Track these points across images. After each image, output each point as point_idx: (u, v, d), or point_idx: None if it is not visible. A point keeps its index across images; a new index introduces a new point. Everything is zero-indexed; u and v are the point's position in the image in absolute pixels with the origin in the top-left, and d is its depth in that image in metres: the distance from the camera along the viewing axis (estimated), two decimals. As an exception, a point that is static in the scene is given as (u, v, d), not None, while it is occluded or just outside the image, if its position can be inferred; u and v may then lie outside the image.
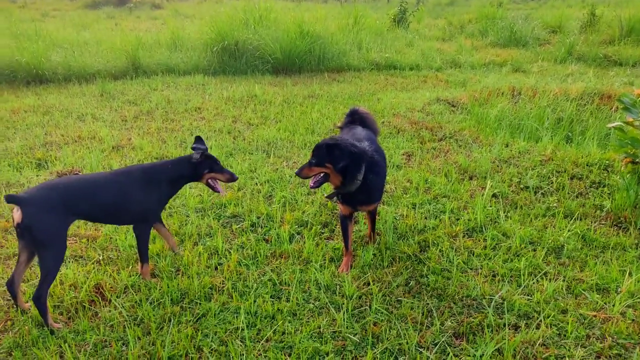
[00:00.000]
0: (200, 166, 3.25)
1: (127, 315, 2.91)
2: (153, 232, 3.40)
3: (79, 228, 3.88)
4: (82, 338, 2.74)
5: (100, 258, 3.49)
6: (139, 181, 3.11)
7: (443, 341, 2.71)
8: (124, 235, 3.73)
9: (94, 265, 3.40)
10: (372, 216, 3.62)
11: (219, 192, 3.35)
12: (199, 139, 3.34)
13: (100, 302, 3.05)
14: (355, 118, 3.92)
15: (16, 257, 3.43)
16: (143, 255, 3.22)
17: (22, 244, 2.78)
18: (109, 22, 18.77)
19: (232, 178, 3.35)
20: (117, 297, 3.09)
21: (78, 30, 14.65)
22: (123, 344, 2.70)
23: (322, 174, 3.20)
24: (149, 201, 3.15)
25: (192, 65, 9.91)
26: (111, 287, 3.18)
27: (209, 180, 3.32)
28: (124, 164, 5.11)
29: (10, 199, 2.62)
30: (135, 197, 3.09)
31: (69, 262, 3.44)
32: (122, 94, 8.08)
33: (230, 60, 10.10)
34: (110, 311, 2.95)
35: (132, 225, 3.30)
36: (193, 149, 3.28)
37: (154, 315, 2.89)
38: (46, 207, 2.70)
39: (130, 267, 3.38)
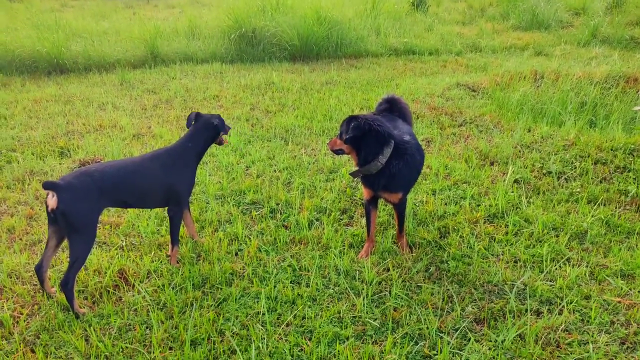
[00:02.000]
0: (222, 128, 3.39)
1: (150, 299, 2.96)
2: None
3: (102, 215, 3.95)
4: (107, 322, 2.80)
5: (124, 244, 3.55)
6: (169, 164, 3.17)
7: (464, 326, 2.70)
8: (146, 221, 3.79)
9: (117, 251, 3.46)
10: (399, 211, 3.33)
11: (223, 143, 3.52)
12: (196, 115, 3.36)
13: (124, 287, 3.11)
14: (394, 108, 3.65)
15: (42, 244, 3.52)
16: (174, 237, 3.28)
17: (52, 229, 2.84)
18: (127, 11, 18.86)
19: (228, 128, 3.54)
20: (140, 282, 3.14)
21: (97, 20, 14.76)
22: (147, 328, 2.76)
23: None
24: (182, 181, 3.23)
25: (210, 53, 9.92)
26: (134, 273, 3.23)
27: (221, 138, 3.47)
28: (144, 152, 5.16)
29: (47, 186, 2.68)
30: (169, 180, 3.15)
31: (94, 248, 3.50)
32: (141, 82, 8.15)
33: (247, 47, 10.09)
34: (133, 296, 3.01)
35: (166, 208, 3.37)
36: (194, 118, 3.33)
37: (176, 300, 2.94)
38: (82, 193, 2.76)
39: (153, 252, 3.44)
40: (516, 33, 12.19)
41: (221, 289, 3.05)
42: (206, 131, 3.35)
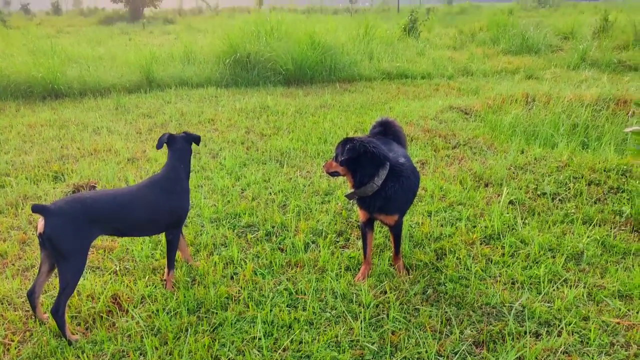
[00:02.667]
0: (199, 140, 3.43)
1: (144, 325, 2.91)
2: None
3: (96, 240, 3.90)
4: (100, 348, 2.75)
5: (117, 269, 3.51)
6: (169, 189, 3.15)
7: (463, 350, 2.66)
8: (140, 245, 3.75)
9: (110, 276, 3.41)
10: (395, 233, 3.32)
11: None
12: (169, 136, 3.35)
13: (117, 313, 3.06)
14: (389, 131, 3.64)
15: (34, 269, 3.47)
16: (171, 261, 3.24)
17: (44, 254, 2.80)
18: (123, 37, 19.10)
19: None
20: (134, 307, 3.09)
21: (92, 45, 14.92)
22: (141, 354, 2.70)
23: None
24: (183, 205, 3.22)
25: (205, 78, 10.02)
26: (128, 298, 3.19)
27: None
28: (139, 176, 5.15)
29: (36, 209, 2.66)
30: (171, 205, 3.14)
31: (87, 273, 3.46)
32: (136, 107, 8.18)
33: (242, 72, 10.19)
34: (127, 321, 2.96)
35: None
36: (166, 140, 3.31)
37: (170, 325, 2.89)
38: (70, 219, 2.72)
39: (147, 277, 3.39)
40: (506, 57, 12.42)
41: (216, 313, 3.00)
42: (189, 148, 3.37)
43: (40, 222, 2.67)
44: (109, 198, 2.98)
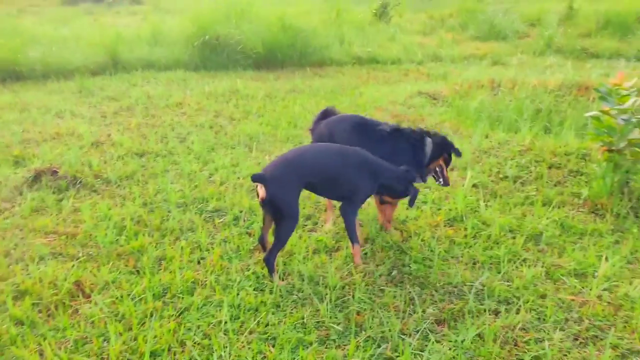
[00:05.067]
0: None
1: (108, 311, 2.88)
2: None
3: (57, 225, 3.83)
4: (63, 335, 2.71)
5: (80, 255, 3.45)
6: (359, 166, 3.28)
7: (425, 327, 2.74)
8: (104, 231, 3.69)
9: (73, 263, 3.35)
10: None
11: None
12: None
13: (81, 299, 3.02)
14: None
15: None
16: (351, 235, 3.33)
17: (265, 212, 3.23)
18: (88, 18, 18.41)
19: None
20: (97, 293, 3.05)
21: (56, 26, 14.35)
22: (104, 340, 2.68)
23: None
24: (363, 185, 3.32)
25: (173, 60, 9.80)
26: (92, 284, 3.14)
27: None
28: (104, 161, 5.05)
29: (255, 178, 3.03)
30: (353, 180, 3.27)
31: (48, 259, 3.39)
32: (101, 89, 7.97)
33: (211, 55, 10.01)
34: (90, 308, 2.92)
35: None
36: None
37: (135, 311, 2.87)
38: (285, 183, 3.05)
39: (111, 263, 3.35)
40: (475, 43, 12.56)
41: (183, 298, 3.00)
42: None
43: (261, 189, 3.01)
44: (310, 158, 3.26)
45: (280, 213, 3.06)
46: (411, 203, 3.39)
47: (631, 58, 10.80)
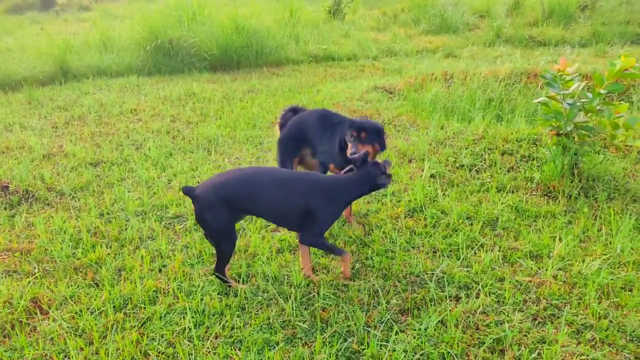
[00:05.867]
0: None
1: (67, 326, 2.80)
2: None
3: (11, 242, 3.69)
4: (20, 355, 2.62)
5: (36, 271, 3.33)
6: (309, 192, 3.00)
7: (389, 318, 2.78)
8: (60, 245, 3.58)
9: (29, 279, 3.24)
10: None
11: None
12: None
13: (38, 316, 2.92)
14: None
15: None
16: (333, 251, 3.08)
17: None
18: (34, 27, 17.75)
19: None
20: (56, 309, 2.96)
21: (0, 36, 13.81)
22: (65, 357, 2.60)
23: None
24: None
25: (125, 66, 9.57)
26: (49, 300, 3.04)
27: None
28: (56, 172, 4.88)
29: (185, 191, 2.93)
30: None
31: (2, 277, 3.26)
32: (51, 100, 7.70)
33: (165, 59, 9.83)
34: (49, 324, 2.83)
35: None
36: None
37: (96, 325, 2.80)
38: (211, 206, 2.88)
39: (69, 277, 3.25)
40: (427, 37, 12.80)
41: (145, 308, 2.94)
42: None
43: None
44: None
45: (209, 231, 2.99)
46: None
47: (575, 44, 11.24)
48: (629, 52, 7.88)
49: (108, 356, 2.54)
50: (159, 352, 2.60)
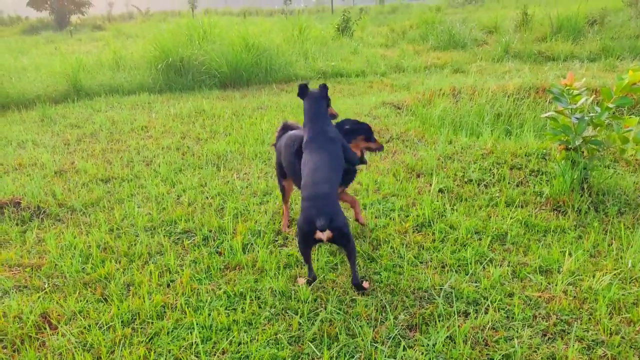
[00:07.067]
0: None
1: (75, 341, 2.81)
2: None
3: (22, 257, 3.73)
4: (29, 370, 2.63)
5: (46, 286, 3.37)
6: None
7: (397, 334, 2.76)
8: (70, 260, 3.61)
9: (39, 294, 3.27)
10: None
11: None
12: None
13: (47, 331, 2.94)
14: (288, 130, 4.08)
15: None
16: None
17: None
18: (49, 46, 18.19)
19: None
20: (64, 324, 2.98)
21: (15, 56, 14.13)
22: (73, 372, 2.61)
23: None
24: None
25: (137, 85, 9.74)
26: (59, 315, 3.07)
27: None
28: (67, 189, 4.95)
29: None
30: None
31: (13, 293, 3.30)
32: (63, 117, 7.84)
33: (176, 77, 10.00)
34: (58, 339, 2.85)
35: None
36: None
37: (104, 340, 2.81)
38: None
39: (78, 292, 3.28)
40: (435, 53, 12.89)
41: (152, 323, 2.95)
42: None
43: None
44: None
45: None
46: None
47: (584, 59, 11.24)
48: (639, 66, 7.86)
49: (115, 371, 2.55)
50: (166, 368, 2.60)
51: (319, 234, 2.91)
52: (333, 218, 2.90)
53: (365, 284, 3.14)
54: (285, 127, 4.07)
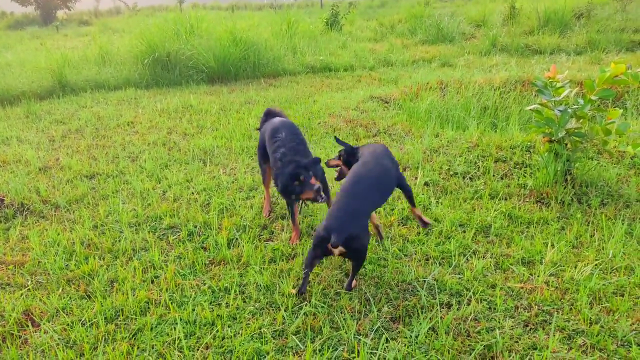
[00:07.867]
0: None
1: (58, 338, 2.80)
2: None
3: (5, 255, 3.70)
4: (11, 367, 2.62)
5: (29, 283, 3.34)
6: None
7: (380, 326, 2.78)
8: (53, 257, 3.59)
9: (22, 291, 3.24)
10: None
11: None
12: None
13: (30, 329, 2.92)
14: (271, 116, 4.27)
15: None
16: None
17: None
18: (34, 42, 17.94)
19: None
20: (47, 321, 2.96)
21: (-1, 51, 13.95)
22: (55, 369, 2.60)
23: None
24: None
25: (123, 80, 9.65)
26: (41, 312, 3.05)
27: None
28: (51, 186, 4.91)
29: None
30: None
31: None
32: (48, 113, 7.76)
33: (162, 72, 9.92)
34: (40, 336, 2.83)
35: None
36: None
37: (87, 336, 2.80)
38: None
39: (61, 289, 3.26)
40: (423, 47, 12.90)
41: (136, 319, 2.94)
42: None
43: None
44: None
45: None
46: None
47: (571, 52, 11.31)
48: (624, 59, 7.92)
49: (98, 367, 2.54)
50: (149, 363, 2.60)
51: (331, 247, 2.85)
52: (353, 238, 2.83)
53: (354, 283, 3.14)
54: (269, 113, 4.24)
